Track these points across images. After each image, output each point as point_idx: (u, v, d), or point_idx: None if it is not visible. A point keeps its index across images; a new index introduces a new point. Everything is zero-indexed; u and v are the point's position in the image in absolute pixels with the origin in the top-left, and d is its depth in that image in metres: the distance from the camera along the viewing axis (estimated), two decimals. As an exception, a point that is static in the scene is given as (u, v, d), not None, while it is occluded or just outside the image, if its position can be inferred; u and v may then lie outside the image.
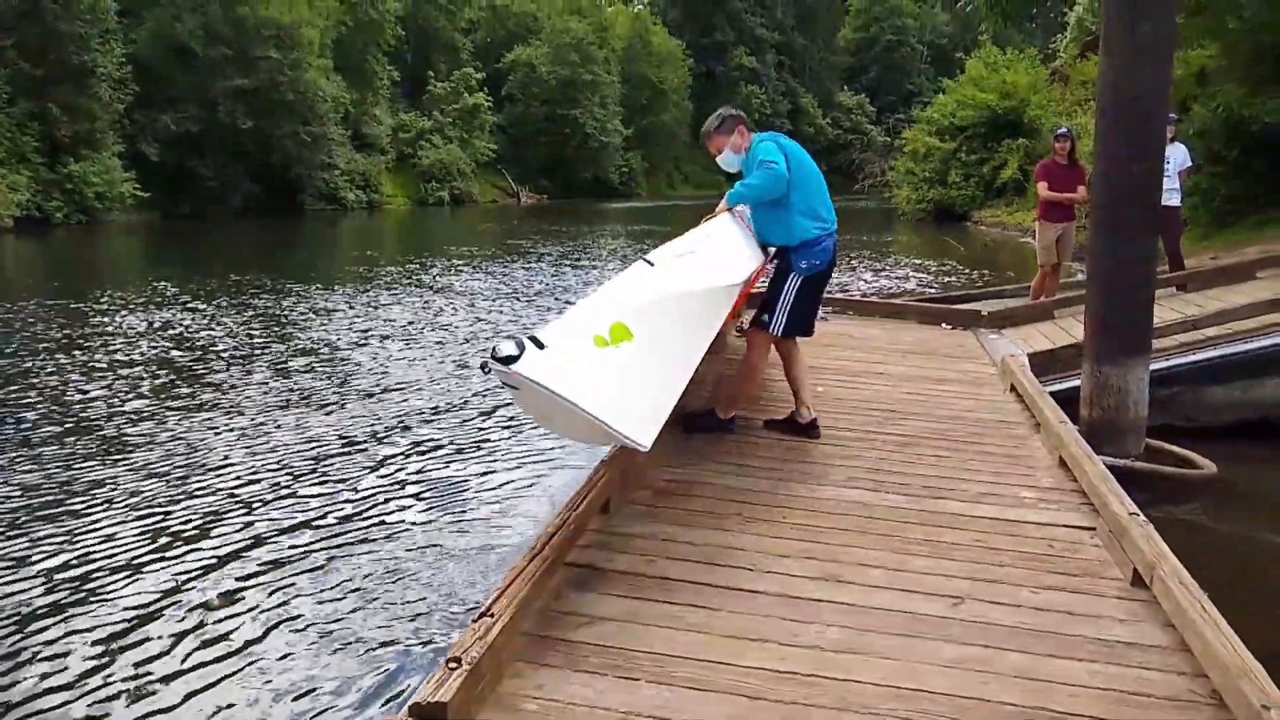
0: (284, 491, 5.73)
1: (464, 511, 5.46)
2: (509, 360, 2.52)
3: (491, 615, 2.50)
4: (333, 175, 36.94)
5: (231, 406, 7.70)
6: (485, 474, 6.12)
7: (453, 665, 2.26)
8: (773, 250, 4.73)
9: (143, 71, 30.51)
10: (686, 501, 3.78)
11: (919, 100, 57.22)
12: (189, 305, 12.86)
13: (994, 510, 3.82)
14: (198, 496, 5.62)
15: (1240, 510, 5.41)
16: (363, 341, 10.61)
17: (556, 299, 14.26)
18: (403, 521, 5.29)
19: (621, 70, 58.55)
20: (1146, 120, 5.51)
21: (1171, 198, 8.56)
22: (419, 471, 6.16)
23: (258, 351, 9.97)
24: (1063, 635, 2.81)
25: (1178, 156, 8.83)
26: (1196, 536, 4.86)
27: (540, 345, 2.56)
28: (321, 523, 5.26)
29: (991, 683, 2.53)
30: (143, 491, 5.67)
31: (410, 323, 11.89)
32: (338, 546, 4.94)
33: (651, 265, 3.54)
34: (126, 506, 5.43)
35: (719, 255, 4.20)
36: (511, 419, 7.42)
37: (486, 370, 2.68)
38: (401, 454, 6.54)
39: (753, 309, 4.88)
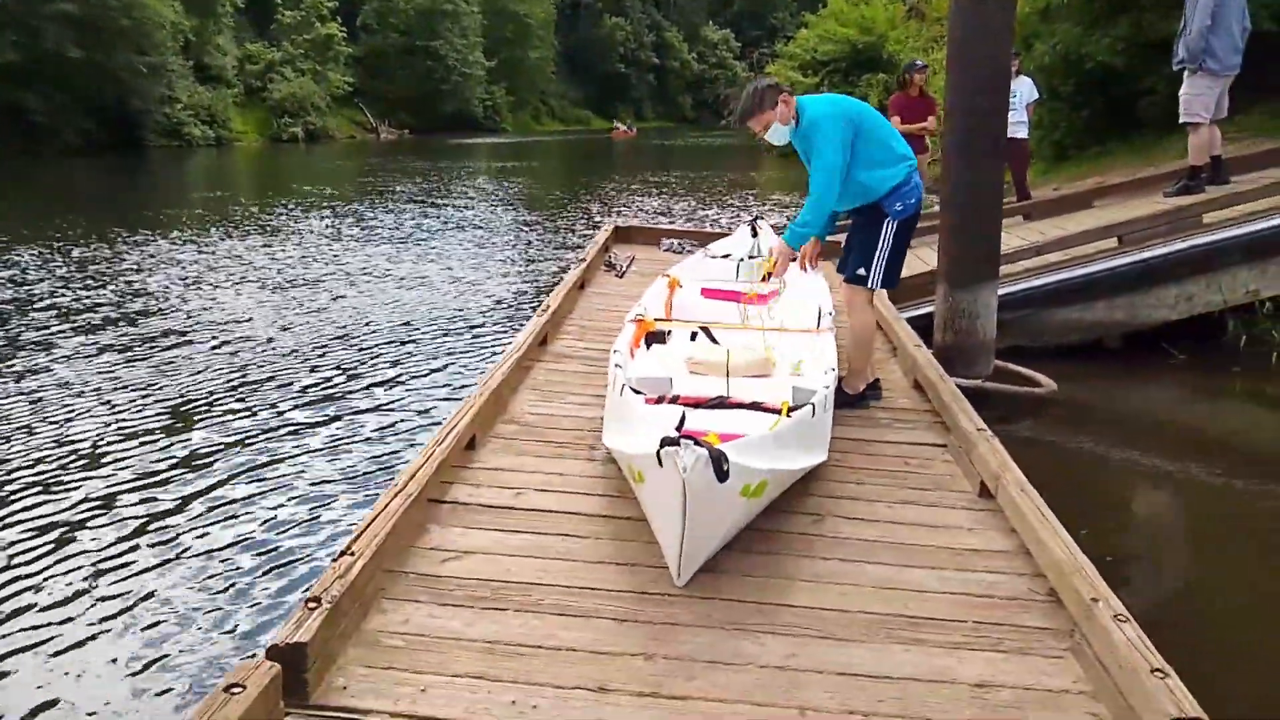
0: (135, 444, 5.45)
1: (328, 455, 5.31)
2: (683, 467, 2.40)
3: (352, 554, 2.43)
4: (175, 109, 34.59)
5: (59, 366, 7.25)
6: (348, 418, 5.96)
7: (312, 605, 2.19)
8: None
9: (-49, -6, 27.77)
10: (552, 434, 3.77)
11: (783, 35, 57.71)
12: (5, 256, 11.78)
13: (852, 431, 3.94)
14: (38, 452, 5.28)
15: (1077, 424, 5.78)
16: (208, 290, 10.08)
17: (417, 245, 13.91)
18: (264, 468, 5.11)
19: (483, 2, 56.77)
20: (992, 53, 5.68)
21: (1019, 130, 8.88)
22: (279, 420, 5.95)
23: (86, 305, 9.32)
24: (916, 546, 2.94)
25: (1024, 90, 9.14)
26: (1038, 449, 5.16)
27: (724, 475, 2.44)
28: (173, 473, 5.03)
29: (850, 594, 2.63)
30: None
31: (260, 269, 11.36)
32: (193, 497, 4.74)
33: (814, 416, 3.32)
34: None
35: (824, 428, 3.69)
36: (370, 364, 7.24)
37: (660, 446, 2.44)
38: (258, 402, 6.30)
39: None
